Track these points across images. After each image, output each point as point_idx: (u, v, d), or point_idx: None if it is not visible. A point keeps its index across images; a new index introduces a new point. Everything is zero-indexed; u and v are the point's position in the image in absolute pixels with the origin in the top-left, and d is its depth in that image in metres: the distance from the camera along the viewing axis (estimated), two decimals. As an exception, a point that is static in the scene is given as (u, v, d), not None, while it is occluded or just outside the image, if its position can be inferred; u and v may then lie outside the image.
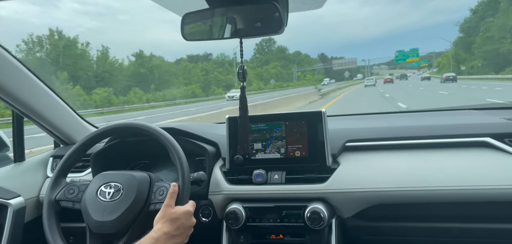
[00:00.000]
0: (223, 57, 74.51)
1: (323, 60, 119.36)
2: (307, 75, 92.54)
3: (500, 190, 1.25)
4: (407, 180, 1.33)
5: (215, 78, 59.73)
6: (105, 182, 1.26)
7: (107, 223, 1.18)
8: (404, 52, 67.42)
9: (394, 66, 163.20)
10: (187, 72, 56.01)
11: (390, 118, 1.91)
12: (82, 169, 1.77)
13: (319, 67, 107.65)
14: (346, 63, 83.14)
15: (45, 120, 1.71)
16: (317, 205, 1.36)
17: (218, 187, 1.49)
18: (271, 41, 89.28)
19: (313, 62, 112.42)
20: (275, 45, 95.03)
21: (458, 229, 1.36)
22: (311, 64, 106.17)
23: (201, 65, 61.79)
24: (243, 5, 0.97)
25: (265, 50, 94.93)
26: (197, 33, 1.07)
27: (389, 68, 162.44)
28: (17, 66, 1.49)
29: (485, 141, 1.36)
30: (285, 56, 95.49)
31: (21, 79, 1.52)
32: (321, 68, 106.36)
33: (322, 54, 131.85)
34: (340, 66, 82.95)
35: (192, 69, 57.46)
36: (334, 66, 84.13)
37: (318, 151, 1.43)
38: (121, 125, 1.38)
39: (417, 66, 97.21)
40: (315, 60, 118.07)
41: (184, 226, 1.16)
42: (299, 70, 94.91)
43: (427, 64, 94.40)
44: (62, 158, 1.37)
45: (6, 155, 1.83)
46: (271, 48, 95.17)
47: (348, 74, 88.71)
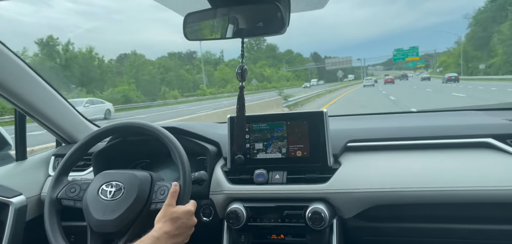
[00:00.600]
0: (208, 55, 68.74)
1: (316, 59, 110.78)
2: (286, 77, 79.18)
3: (502, 191, 1.25)
4: (409, 180, 1.33)
5: (178, 77, 49.51)
6: (106, 181, 1.27)
7: (108, 222, 1.19)
8: (403, 51, 63.41)
9: (390, 66, 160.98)
10: (135, 70, 43.87)
11: (392, 119, 1.91)
12: (84, 168, 1.77)
13: (311, 66, 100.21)
14: (340, 62, 74.84)
15: (47, 118, 1.72)
16: (318, 205, 1.36)
17: (219, 187, 1.49)
18: (261, 39, 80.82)
19: (306, 61, 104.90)
20: (265, 43, 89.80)
21: (459, 230, 1.36)
22: (303, 64, 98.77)
23: (158, 61, 51.40)
24: (245, 5, 0.97)
25: (254, 48, 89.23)
26: (199, 33, 1.07)
27: (384, 69, 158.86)
28: (19, 65, 1.50)
29: (487, 142, 1.35)
30: (274, 55, 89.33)
31: (23, 78, 1.53)
32: (314, 68, 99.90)
33: (315, 53, 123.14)
34: (333, 65, 74.87)
35: (142, 66, 45.59)
36: (327, 66, 77.47)
37: (319, 151, 1.43)
38: (123, 124, 1.39)
39: (414, 66, 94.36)
40: (307, 59, 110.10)
41: (185, 226, 1.16)
42: (290, 69, 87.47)
43: (424, 65, 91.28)
44: (63, 157, 1.38)
45: (8, 153, 1.84)
46: (261, 46, 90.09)
47: (341, 74, 77.98)
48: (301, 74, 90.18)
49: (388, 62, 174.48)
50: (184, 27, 1.04)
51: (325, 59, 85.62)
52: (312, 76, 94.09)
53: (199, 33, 1.07)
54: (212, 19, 1.03)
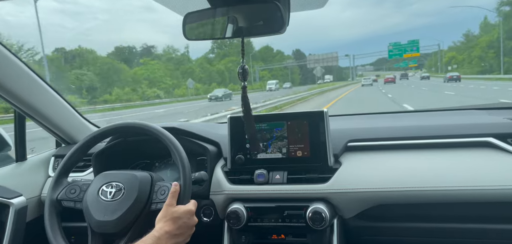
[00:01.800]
0: (171, 50, 58.47)
1: (298, 57, 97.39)
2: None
3: (503, 190, 1.25)
4: (410, 180, 1.33)
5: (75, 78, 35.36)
6: (106, 182, 1.26)
7: (109, 222, 1.18)
8: (401, 45, 54.00)
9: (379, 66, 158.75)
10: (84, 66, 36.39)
11: (393, 118, 1.90)
12: (84, 169, 1.77)
13: (291, 64, 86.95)
14: (324, 60, 61.16)
15: (47, 119, 1.72)
16: (318, 205, 1.35)
17: (219, 187, 1.49)
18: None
19: (286, 59, 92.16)
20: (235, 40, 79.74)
21: (460, 229, 1.36)
22: (283, 62, 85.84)
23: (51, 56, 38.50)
24: (245, 4, 0.97)
25: (227, 42, 65.99)
26: (199, 32, 1.07)
27: (374, 70, 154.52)
28: (19, 65, 1.49)
29: (487, 141, 1.35)
30: (248, 51, 71.39)
31: (23, 79, 1.53)
32: (294, 66, 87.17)
33: (297, 50, 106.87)
34: (316, 63, 60.03)
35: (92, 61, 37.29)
36: (309, 63, 63.68)
37: (320, 151, 1.42)
38: (123, 125, 1.39)
39: (405, 66, 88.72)
40: (288, 57, 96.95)
41: (185, 226, 1.16)
42: (266, 68, 76.82)
43: (417, 64, 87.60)
44: (63, 158, 1.38)
45: (7, 154, 1.84)
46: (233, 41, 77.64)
47: (320, 72, 59.94)
48: (278, 73, 79.18)
49: (377, 62, 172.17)
50: (183, 27, 1.04)
51: (308, 57, 74.10)
52: (294, 76, 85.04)
53: (199, 33, 1.07)
54: (212, 18, 1.03)
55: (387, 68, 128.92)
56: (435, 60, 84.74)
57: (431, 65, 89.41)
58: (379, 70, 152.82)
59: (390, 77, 50.69)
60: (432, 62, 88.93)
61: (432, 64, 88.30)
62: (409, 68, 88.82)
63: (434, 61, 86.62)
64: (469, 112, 1.84)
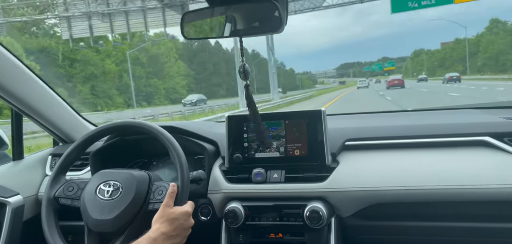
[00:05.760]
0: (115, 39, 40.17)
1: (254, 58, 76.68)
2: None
3: (499, 189, 1.26)
4: (407, 179, 1.33)
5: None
6: (104, 181, 1.26)
7: (106, 221, 1.18)
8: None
9: (342, 73, 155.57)
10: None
11: (390, 117, 1.91)
12: (81, 168, 1.77)
13: None
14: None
15: (44, 118, 1.71)
16: (316, 204, 1.36)
17: (217, 186, 1.49)
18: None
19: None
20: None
21: (457, 228, 1.36)
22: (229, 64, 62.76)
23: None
24: (243, 4, 0.97)
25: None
26: (197, 31, 1.07)
27: (337, 76, 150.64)
28: (16, 64, 1.49)
29: (484, 140, 1.36)
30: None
31: (20, 77, 1.52)
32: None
33: (254, 51, 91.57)
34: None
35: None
36: None
37: (317, 150, 1.43)
38: (121, 123, 1.38)
39: (380, 70, 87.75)
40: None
41: (182, 227, 1.16)
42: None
43: (394, 67, 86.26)
44: (61, 156, 1.37)
45: (5, 153, 1.83)
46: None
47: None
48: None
49: (340, 67, 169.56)
50: (181, 26, 1.04)
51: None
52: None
53: (197, 32, 1.07)
54: (210, 18, 1.03)
55: (354, 75, 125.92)
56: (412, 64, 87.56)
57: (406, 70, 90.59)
58: (342, 76, 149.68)
59: (396, 79, 37.68)
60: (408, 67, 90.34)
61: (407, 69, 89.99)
62: (383, 72, 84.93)
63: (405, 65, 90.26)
64: (466, 111, 1.85)
